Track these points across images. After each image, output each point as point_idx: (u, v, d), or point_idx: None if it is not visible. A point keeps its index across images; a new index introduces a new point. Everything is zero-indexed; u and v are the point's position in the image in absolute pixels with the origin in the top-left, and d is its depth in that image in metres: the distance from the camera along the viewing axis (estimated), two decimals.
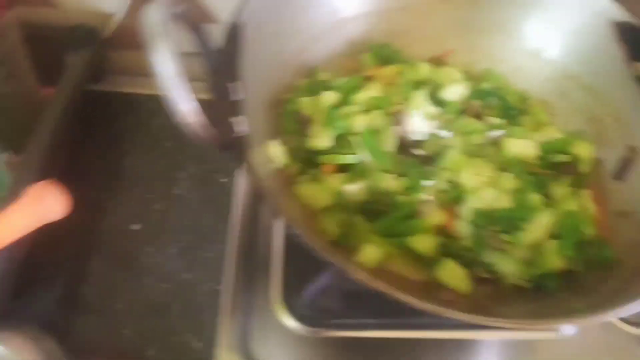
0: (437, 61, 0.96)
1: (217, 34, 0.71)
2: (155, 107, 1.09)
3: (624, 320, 0.83)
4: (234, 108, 0.66)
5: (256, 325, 0.81)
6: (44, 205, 0.74)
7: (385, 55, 0.93)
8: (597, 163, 0.85)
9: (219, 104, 0.64)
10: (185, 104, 0.53)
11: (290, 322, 0.79)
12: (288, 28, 0.84)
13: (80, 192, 0.87)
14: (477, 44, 0.97)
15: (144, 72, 1.05)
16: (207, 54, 0.66)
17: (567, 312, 0.59)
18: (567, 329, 0.79)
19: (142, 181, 0.99)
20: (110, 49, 1.13)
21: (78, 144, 1.01)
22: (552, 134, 0.85)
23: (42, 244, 0.83)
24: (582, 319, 0.54)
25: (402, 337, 0.78)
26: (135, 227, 0.93)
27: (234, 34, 0.70)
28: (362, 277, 0.54)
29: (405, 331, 0.78)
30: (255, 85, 0.76)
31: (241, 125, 0.65)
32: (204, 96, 0.63)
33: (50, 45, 1.05)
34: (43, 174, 0.84)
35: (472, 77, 0.95)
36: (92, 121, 1.03)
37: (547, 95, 0.94)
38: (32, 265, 0.83)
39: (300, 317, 0.79)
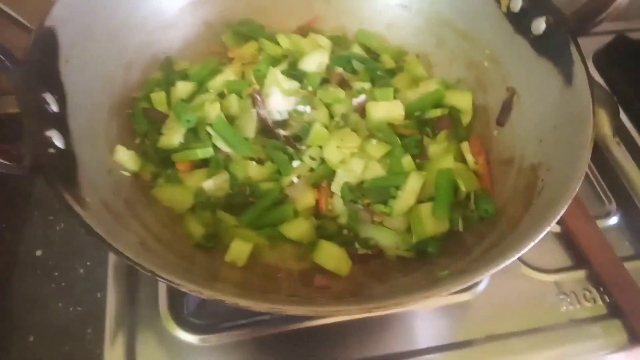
0: (305, 31, 0.89)
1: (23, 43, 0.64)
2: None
3: (536, 268, 0.80)
4: (48, 122, 0.59)
5: (144, 339, 0.75)
6: None
7: (246, 32, 0.85)
8: (480, 110, 0.80)
9: (28, 120, 0.56)
10: None
11: (179, 332, 0.73)
12: (126, 23, 0.76)
13: None
14: (344, 6, 0.91)
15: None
16: (4, 69, 0.58)
17: (433, 282, 0.54)
18: (476, 289, 0.75)
19: (41, 204, 0.93)
20: None
21: None
22: (429, 88, 0.79)
23: None
24: (444, 288, 0.49)
25: (296, 328, 0.73)
26: (39, 253, 0.87)
27: (42, 41, 0.62)
28: (194, 289, 0.47)
29: (298, 323, 0.73)
30: (90, 89, 0.69)
31: (55, 140, 0.58)
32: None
33: None
34: None
35: (344, 41, 0.89)
36: None
37: (424, 47, 0.89)
38: None
39: (188, 326, 0.73)
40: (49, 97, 0.61)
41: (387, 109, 0.72)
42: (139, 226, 0.62)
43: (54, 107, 0.61)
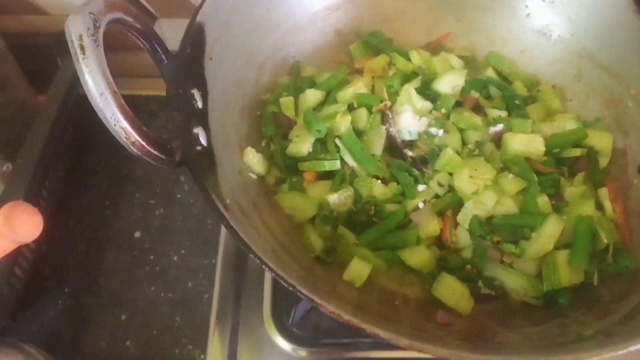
0: (434, 47, 0.87)
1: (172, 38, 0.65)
2: (155, 108, 1.08)
3: None
4: (194, 118, 0.59)
5: (246, 342, 0.75)
6: (14, 227, 0.70)
7: (375, 44, 0.84)
8: (618, 154, 0.75)
9: (180, 116, 0.57)
10: (118, 123, 0.46)
11: (280, 340, 0.73)
12: (261, 23, 0.76)
13: (80, 200, 0.92)
14: (477, 24, 0.87)
15: (142, 73, 1.03)
16: (159, 61, 0.59)
17: (577, 342, 0.50)
18: None
19: (143, 187, 0.96)
20: (105, 51, 1.10)
21: (75, 151, 0.99)
22: (565, 123, 0.75)
23: (45, 255, 0.85)
24: (592, 354, 0.46)
25: (399, 357, 0.71)
26: (137, 234, 0.91)
27: (192, 36, 0.63)
28: (334, 311, 0.46)
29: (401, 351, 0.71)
30: (226, 88, 0.70)
31: (201, 137, 0.58)
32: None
33: (43, 52, 1.04)
34: (37, 183, 0.82)
35: (474, 62, 0.86)
36: (89, 127, 0.99)
37: (559, 78, 0.84)
38: (35, 278, 0.82)
39: (290, 336, 0.73)
40: (195, 93, 0.62)
41: (526, 143, 0.68)
42: (267, 232, 0.62)
43: (200, 104, 0.62)
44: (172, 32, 1.10)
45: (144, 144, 0.49)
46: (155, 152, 0.50)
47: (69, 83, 0.96)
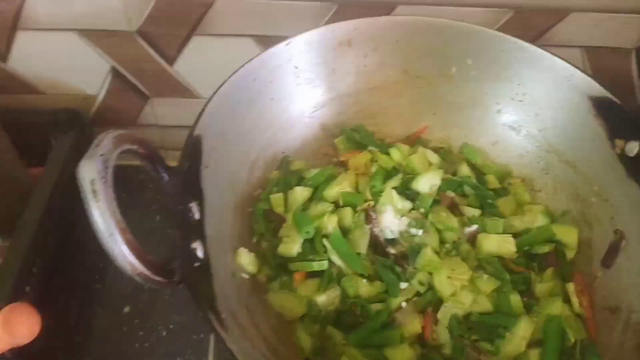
0: (413, 140, 0.93)
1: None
2: (145, 178, 1.09)
3: None
4: (193, 233, 0.64)
5: None
6: (14, 329, 0.72)
7: (358, 138, 0.90)
8: (584, 246, 0.81)
9: (180, 234, 0.62)
10: (125, 259, 0.51)
11: None
12: (254, 127, 0.82)
13: (69, 276, 0.93)
14: (452, 119, 0.94)
15: None
16: (161, 179, 0.64)
17: None
18: None
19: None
20: (94, 128, 1.13)
21: (68, 226, 0.99)
22: (534, 217, 0.81)
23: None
24: None
25: None
26: (127, 309, 0.92)
27: (191, 150, 0.68)
28: None
29: None
30: (220, 192, 0.75)
31: (198, 251, 0.63)
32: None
33: (36, 129, 1.06)
34: (31, 259, 0.83)
35: (449, 154, 0.92)
36: (79, 203, 1.01)
37: (529, 170, 0.91)
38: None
39: None
40: (194, 206, 0.66)
41: (499, 244, 0.74)
42: (259, 338, 0.66)
43: (197, 215, 0.66)
44: (162, 109, 1.16)
45: (148, 273, 0.53)
46: (158, 279, 0.54)
47: (63, 161, 1.00)
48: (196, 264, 0.61)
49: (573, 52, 1.02)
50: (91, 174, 0.50)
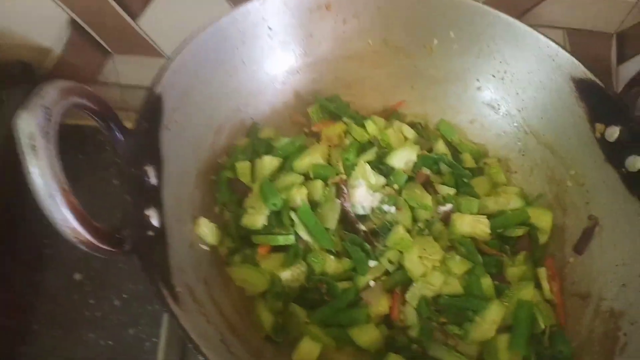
0: (389, 113, 0.89)
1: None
2: (104, 139, 1.01)
3: None
4: (147, 199, 0.59)
5: None
6: None
7: (332, 109, 0.85)
8: (557, 231, 0.79)
9: (132, 199, 0.56)
10: (66, 224, 0.45)
11: None
12: (221, 88, 0.76)
13: (19, 238, 0.86)
14: (431, 94, 0.91)
15: None
16: (115, 139, 0.58)
17: None
18: None
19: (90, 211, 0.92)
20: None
21: (17, 185, 0.93)
22: (509, 199, 0.79)
23: None
24: None
25: None
26: (77, 277, 0.86)
27: (150, 110, 0.62)
28: None
29: None
30: (182, 156, 0.69)
31: (152, 219, 0.57)
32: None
33: None
34: None
35: (426, 130, 0.89)
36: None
37: (506, 151, 0.88)
38: None
39: None
40: (149, 170, 0.61)
41: (473, 224, 0.71)
42: (217, 314, 0.61)
43: (153, 180, 0.61)
44: (125, 66, 1.08)
45: (93, 240, 0.48)
46: (104, 247, 0.49)
47: (13, 117, 0.93)
48: (149, 233, 0.56)
49: (555, 34, 0.99)
50: (30, 127, 0.44)
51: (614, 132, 0.73)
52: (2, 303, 0.82)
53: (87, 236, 0.47)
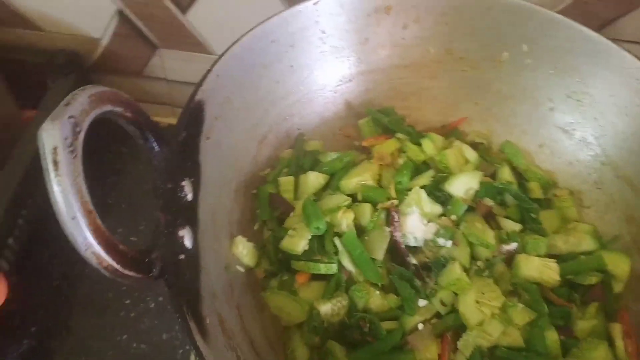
0: (448, 130, 0.81)
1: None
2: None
3: None
4: (182, 217, 0.53)
5: None
6: None
7: (386, 122, 0.78)
8: (635, 279, 0.69)
9: (163, 219, 0.51)
10: (89, 249, 0.40)
11: None
12: (267, 96, 0.71)
13: (56, 230, 0.85)
14: (496, 112, 0.82)
15: (132, 98, 0.98)
16: (150, 149, 0.53)
17: None
18: None
19: (126, 219, 0.91)
20: (96, 74, 1.06)
21: None
22: (581, 239, 0.69)
23: (12, 290, 0.77)
24: None
25: None
26: None
27: (190, 118, 0.57)
28: None
29: None
30: (221, 167, 0.64)
31: (186, 240, 0.52)
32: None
33: (32, 69, 1.00)
34: (16, 206, 0.79)
35: (488, 151, 0.80)
36: None
37: (578, 182, 0.79)
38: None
39: None
40: (186, 185, 0.56)
41: (540, 269, 0.63)
42: (248, 347, 0.56)
43: (190, 196, 0.56)
44: (172, 62, 1.04)
45: (117, 267, 0.43)
46: (130, 274, 0.44)
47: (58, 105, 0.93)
48: (181, 257, 0.51)
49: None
50: (54, 140, 0.39)
51: None
52: (37, 297, 0.81)
53: (112, 262, 0.42)
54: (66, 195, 0.39)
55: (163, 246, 0.49)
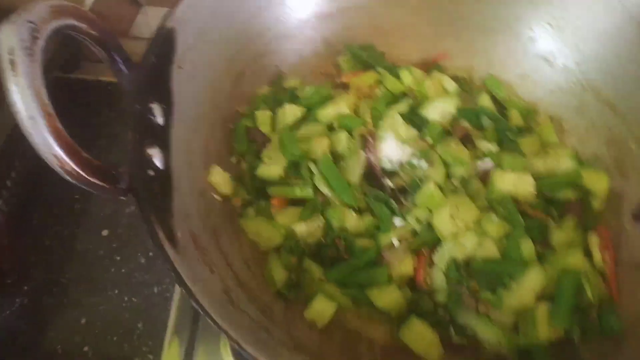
0: (429, 66, 0.81)
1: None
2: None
3: None
4: (151, 137, 0.54)
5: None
6: None
7: (365, 58, 0.78)
8: (613, 197, 0.69)
9: (132, 134, 0.52)
10: (49, 150, 0.41)
11: None
12: (244, 30, 0.71)
13: (48, 192, 0.85)
14: (477, 45, 0.81)
15: None
16: (118, 71, 0.54)
17: None
18: None
19: None
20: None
21: None
22: (559, 159, 0.69)
23: (5, 249, 0.80)
24: None
25: None
26: (105, 233, 0.86)
27: (160, 44, 0.58)
28: None
29: None
30: (197, 99, 0.65)
31: (155, 159, 0.53)
32: None
33: None
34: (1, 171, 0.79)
35: (469, 85, 0.80)
36: (65, 112, 0.95)
37: (559, 109, 0.78)
38: None
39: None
40: (156, 108, 0.57)
41: (516, 183, 0.63)
42: (223, 264, 0.57)
43: (160, 119, 0.57)
44: (157, 20, 1.05)
45: (81, 172, 0.44)
46: (95, 181, 0.45)
47: (47, 64, 0.92)
48: (150, 173, 0.52)
49: None
50: (10, 41, 0.40)
51: None
52: (30, 256, 0.82)
53: (73, 166, 0.43)
54: (24, 95, 0.40)
55: (132, 161, 0.50)
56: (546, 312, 0.57)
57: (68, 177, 0.43)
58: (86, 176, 0.44)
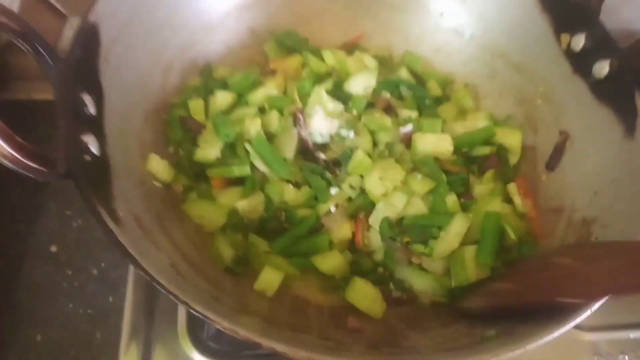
0: (350, 47, 0.86)
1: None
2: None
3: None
4: (84, 125, 0.55)
5: (159, 355, 0.72)
6: None
7: (289, 44, 0.82)
8: (528, 151, 0.76)
9: (64, 122, 0.53)
10: None
11: (196, 356, 0.70)
12: (167, 22, 0.73)
13: None
14: (393, 24, 0.87)
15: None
16: (45, 65, 0.55)
17: (480, 343, 0.50)
18: None
19: (57, 197, 0.90)
20: (14, 55, 1.00)
21: None
22: (476, 122, 0.76)
23: None
24: (492, 354, 0.46)
25: None
26: (54, 248, 0.85)
27: (83, 38, 0.59)
28: (228, 327, 0.44)
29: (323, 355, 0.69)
30: (127, 91, 0.66)
31: (91, 145, 0.54)
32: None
33: None
34: None
35: (390, 61, 0.85)
36: None
37: (473, 77, 0.85)
38: None
39: (207, 350, 0.70)
40: (87, 98, 0.58)
41: (435, 143, 0.68)
42: (169, 244, 0.58)
43: (92, 110, 0.58)
44: None
45: (17, 155, 0.45)
46: (32, 165, 0.46)
47: None
48: (87, 157, 0.53)
49: None
50: None
51: (579, 41, 0.70)
52: None
53: (10, 150, 0.44)
54: None
55: (66, 148, 0.51)
56: (473, 253, 0.62)
57: (5, 162, 0.44)
58: (23, 159, 0.45)
